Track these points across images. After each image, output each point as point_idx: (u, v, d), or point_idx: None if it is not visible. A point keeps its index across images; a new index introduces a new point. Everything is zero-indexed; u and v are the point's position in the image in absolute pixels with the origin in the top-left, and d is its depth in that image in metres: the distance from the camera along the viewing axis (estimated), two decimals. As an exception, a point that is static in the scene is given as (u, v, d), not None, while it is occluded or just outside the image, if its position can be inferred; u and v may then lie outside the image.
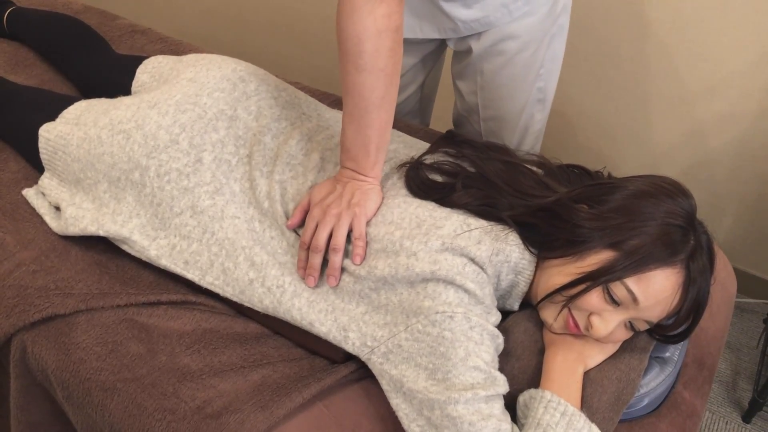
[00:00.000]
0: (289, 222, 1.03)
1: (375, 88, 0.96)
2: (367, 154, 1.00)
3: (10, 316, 1.03)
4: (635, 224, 0.90)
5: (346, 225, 0.97)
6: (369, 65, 0.94)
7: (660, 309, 0.91)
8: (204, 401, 0.95)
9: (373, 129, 0.99)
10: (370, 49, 0.93)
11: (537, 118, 1.42)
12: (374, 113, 0.97)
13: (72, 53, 1.47)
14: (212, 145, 1.09)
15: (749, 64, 1.68)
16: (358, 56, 0.93)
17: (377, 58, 0.94)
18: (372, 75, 0.95)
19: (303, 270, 1.00)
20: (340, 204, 0.98)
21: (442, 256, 0.90)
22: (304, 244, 0.99)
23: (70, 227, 1.11)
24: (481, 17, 1.23)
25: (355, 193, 0.99)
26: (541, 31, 1.28)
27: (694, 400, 1.05)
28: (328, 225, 0.97)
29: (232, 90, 1.15)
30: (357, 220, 0.97)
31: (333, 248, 0.96)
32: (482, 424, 0.84)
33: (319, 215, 0.99)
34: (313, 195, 1.03)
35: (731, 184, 1.89)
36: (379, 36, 0.92)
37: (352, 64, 0.94)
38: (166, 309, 1.07)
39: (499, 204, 0.97)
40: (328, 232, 0.97)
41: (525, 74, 1.33)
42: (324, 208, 0.99)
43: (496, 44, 1.28)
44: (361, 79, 0.95)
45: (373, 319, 0.94)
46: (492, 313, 0.93)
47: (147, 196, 1.08)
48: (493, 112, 1.39)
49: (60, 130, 1.17)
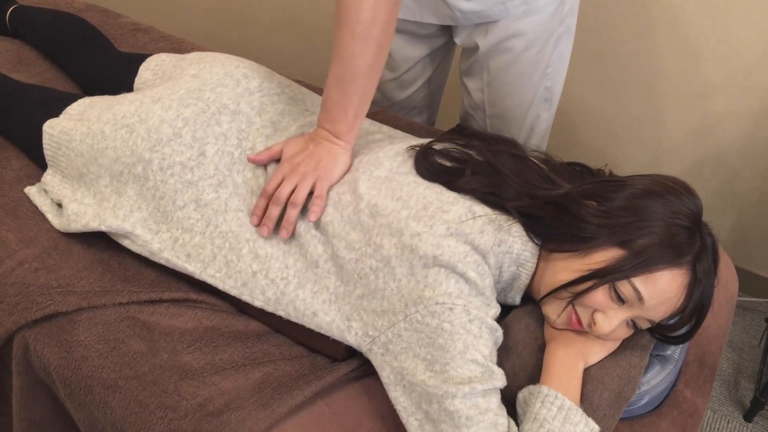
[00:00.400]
0: (253, 156, 1.08)
1: (366, 56, 0.99)
2: (345, 119, 1.03)
3: (12, 313, 1.03)
4: (643, 224, 0.90)
5: (310, 184, 1.01)
6: (364, 33, 0.97)
7: (664, 309, 0.91)
8: (205, 399, 0.95)
9: (357, 95, 1.02)
10: (367, 17, 0.95)
11: (543, 117, 1.42)
12: (361, 80, 1.01)
13: (74, 51, 1.47)
14: (215, 137, 1.09)
15: (752, 62, 1.67)
16: (355, 23, 0.96)
17: (373, 27, 0.96)
18: (366, 43, 0.97)
19: (258, 217, 1.04)
20: (308, 164, 1.03)
21: (445, 242, 0.91)
22: (266, 192, 1.03)
23: (73, 224, 1.11)
24: (479, 10, 1.25)
25: (324, 156, 1.03)
26: (547, 31, 1.29)
27: (696, 398, 1.05)
28: (293, 181, 1.02)
29: (235, 86, 1.15)
30: (320, 181, 1.01)
31: (292, 202, 1.01)
32: (479, 418, 0.85)
33: (286, 170, 1.03)
34: (285, 149, 1.07)
35: (734, 183, 1.89)
36: (377, 6, 0.95)
37: (348, 30, 0.97)
38: (167, 307, 1.07)
39: (505, 193, 0.98)
40: (292, 188, 1.02)
41: (531, 72, 1.34)
42: (293, 165, 1.03)
43: (502, 41, 1.29)
44: (355, 47, 0.98)
45: (370, 305, 0.94)
46: (491, 306, 0.93)
47: (149, 189, 1.08)
48: (499, 110, 1.40)
49: (64, 125, 1.17)
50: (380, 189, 0.98)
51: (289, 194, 1.01)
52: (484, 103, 1.41)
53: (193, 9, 2.58)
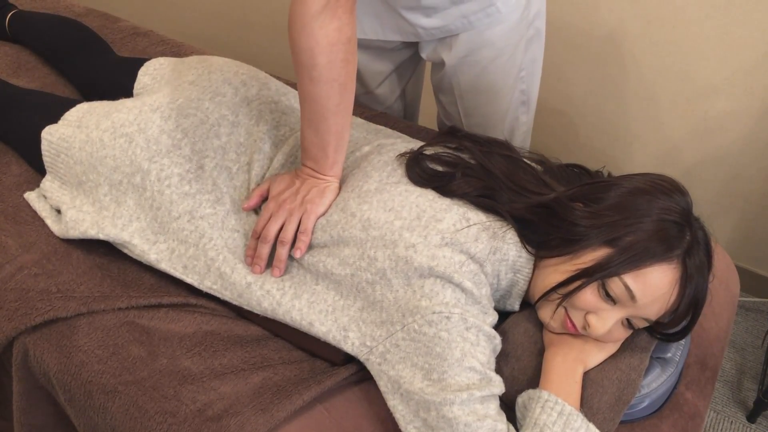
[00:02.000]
0: (245, 204, 1.07)
1: (330, 96, 0.98)
2: (326, 156, 1.03)
3: (12, 319, 1.03)
4: (630, 221, 0.90)
5: (297, 221, 1.01)
6: (324, 76, 0.96)
7: (658, 306, 0.91)
8: (205, 404, 0.95)
9: (331, 133, 1.01)
10: (323, 61, 0.94)
11: (522, 120, 1.42)
12: (331, 119, 1.00)
13: (74, 56, 1.47)
14: (214, 151, 1.10)
15: (753, 62, 1.67)
16: (311, 68, 0.95)
17: (331, 69, 0.95)
18: (327, 85, 0.97)
19: (251, 258, 1.04)
20: (294, 200, 1.03)
21: (440, 252, 0.90)
22: (255, 233, 1.04)
23: (71, 230, 1.11)
24: (441, 25, 1.24)
25: (311, 191, 1.03)
26: (515, 37, 1.28)
27: (697, 401, 1.04)
28: (280, 219, 1.02)
29: (233, 95, 1.15)
30: (306, 216, 1.01)
31: (281, 241, 1.01)
32: (478, 424, 0.84)
33: (273, 208, 1.03)
34: (272, 187, 1.07)
35: (735, 183, 1.88)
36: (331, 49, 0.94)
37: (307, 76, 0.96)
38: (166, 312, 1.07)
39: (498, 197, 0.98)
40: (279, 226, 1.02)
41: (503, 80, 1.32)
42: (279, 203, 1.03)
43: (469, 54, 1.28)
44: (316, 89, 0.97)
45: (370, 316, 0.94)
46: (489, 314, 0.93)
47: (147, 199, 1.08)
48: (476, 120, 1.39)
49: (62, 132, 1.17)
50: (371, 203, 0.98)
51: (276, 232, 1.01)
52: (460, 115, 1.40)
53: (192, 12, 2.58)
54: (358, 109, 1.47)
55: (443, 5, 1.20)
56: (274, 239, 1.01)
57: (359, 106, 1.49)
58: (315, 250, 1.00)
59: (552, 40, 1.87)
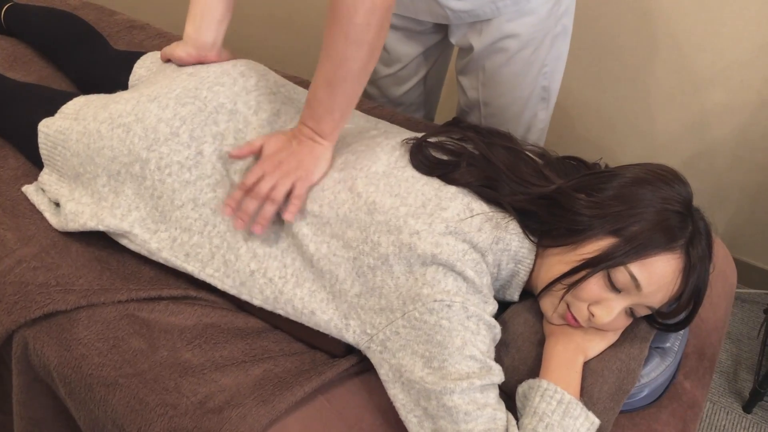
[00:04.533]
0: (235, 151, 1.05)
1: (358, 59, 0.97)
2: (331, 119, 1.02)
3: (11, 312, 1.03)
4: (634, 211, 0.91)
5: (290, 183, 1.00)
6: (358, 37, 0.95)
7: (662, 294, 0.91)
8: (205, 396, 0.95)
9: (345, 97, 1.01)
10: (362, 21, 0.94)
11: (540, 116, 1.43)
12: (350, 82, 0.99)
13: (70, 49, 1.47)
14: (213, 137, 1.09)
15: (749, 55, 1.67)
16: (349, 26, 0.94)
17: (367, 31, 0.95)
18: (358, 47, 0.96)
19: (231, 209, 1.02)
20: (290, 163, 1.01)
21: (444, 240, 0.91)
22: (244, 185, 1.01)
23: (70, 223, 1.11)
24: (470, 9, 1.25)
25: (306, 156, 1.02)
26: (542, 31, 1.29)
27: (695, 390, 1.05)
28: (274, 178, 1.00)
29: (232, 84, 1.15)
30: (300, 182, 1.00)
31: (271, 198, 1.00)
32: (478, 413, 0.85)
33: (268, 167, 1.01)
34: (266, 146, 1.05)
35: (732, 175, 1.89)
36: (372, 11, 0.93)
37: (342, 33, 0.95)
38: (167, 304, 1.07)
39: (500, 187, 0.98)
40: (272, 185, 1.00)
41: (526, 72, 1.34)
42: (274, 163, 1.02)
43: (496, 42, 1.29)
44: (347, 50, 0.96)
45: (368, 303, 0.94)
46: (489, 303, 0.93)
47: (147, 189, 1.08)
48: (495, 109, 1.40)
49: (59, 125, 1.16)
50: (378, 185, 0.98)
51: (268, 191, 1.00)
52: (480, 102, 1.41)
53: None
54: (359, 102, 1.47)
55: None
56: (264, 197, 1.00)
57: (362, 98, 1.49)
58: (319, 228, 0.99)
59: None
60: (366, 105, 1.47)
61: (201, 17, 1.20)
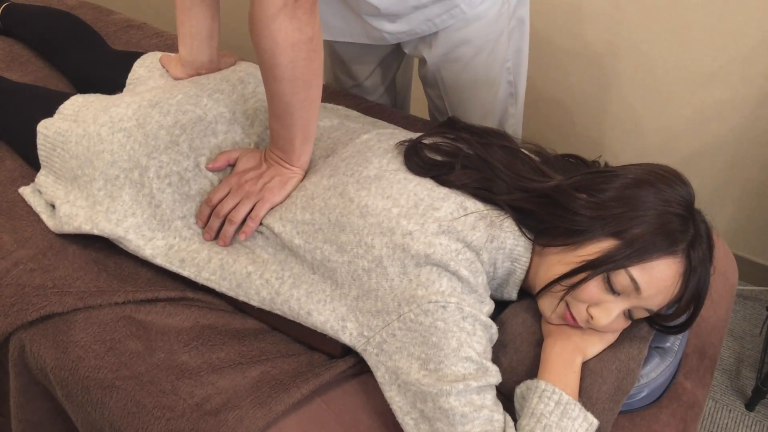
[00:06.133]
0: (211, 165, 1.09)
1: (294, 93, 0.98)
2: (292, 148, 1.05)
3: (8, 315, 1.03)
4: (635, 213, 0.90)
5: (250, 205, 1.03)
6: (286, 75, 0.96)
7: (661, 297, 0.91)
8: (202, 398, 0.95)
9: (297, 127, 1.02)
10: (285, 61, 0.94)
11: (510, 112, 1.41)
12: (296, 113, 1.01)
13: (67, 49, 1.46)
14: (210, 150, 1.10)
15: (750, 50, 1.66)
16: (274, 68, 0.95)
17: (294, 68, 0.95)
18: (290, 83, 0.97)
19: (202, 222, 1.08)
20: (255, 184, 1.05)
21: (437, 240, 0.90)
22: (209, 201, 1.06)
23: (65, 225, 1.11)
24: (407, 30, 1.24)
25: (273, 179, 1.05)
26: (495, 32, 1.27)
27: (696, 390, 1.04)
28: (235, 198, 1.04)
29: (231, 92, 1.16)
30: (260, 204, 1.03)
31: (229, 219, 1.04)
32: (474, 415, 0.84)
33: (233, 185, 1.06)
34: (239, 161, 1.09)
35: (733, 172, 1.88)
36: (292, 48, 0.93)
37: (270, 74, 0.97)
38: (163, 306, 1.07)
39: (496, 188, 0.97)
40: (233, 205, 1.04)
41: (487, 74, 1.32)
42: (240, 182, 1.06)
43: (449, 52, 1.27)
44: (280, 87, 0.97)
45: (365, 305, 0.93)
46: (485, 303, 0.93)
47: (145, 196, 1.07)
48: (463, 114, 1.39)
49: (58, 126, 1.16)
50: (370, 189, 0.98)
51: (228, 211, 1.04)
52: (446, 108, 1.40)
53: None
54: (354, 101, 1.46)
55: (405, 11, 1.20)
56: (224, 217, 1.05)
57: (354, 98, 1.49)
58: (311, 236, 0.98)
59: (547, 30, 1.87)
60: (364, 104, 1.47)
61: (191, 39, 1.21)
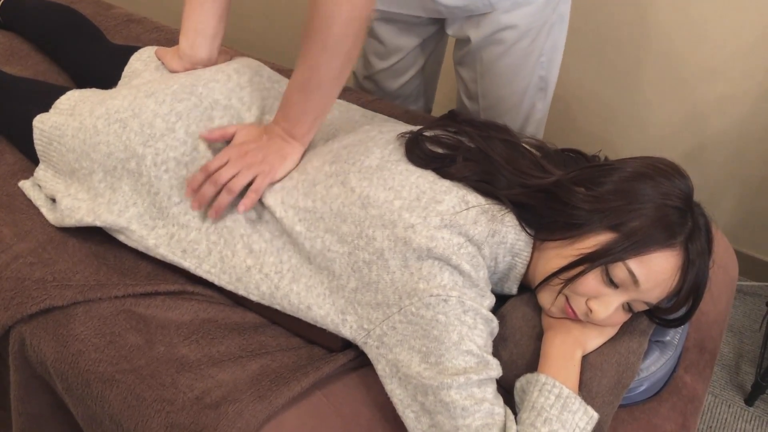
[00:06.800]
0: (205, 134, 1.07)
1: (333, 68, 0.99)
2: (304, 122, 1.03)
3: (8, 308, 1.03)
4: (633, 206, 0.90)
5: (251, 176, 1.01)
6: (335, 47, 0.96)
7: (660, 290, 0.91)
8: (202, 391, 0.95)
9: (319, 102, 1.02)
10: (338, 32, 0.95)
11: (538, 107, 1.42)
12: (324, 89, 1.01)
13: (67, 44, 1.46)
14: None
15: (750, 45, 1.66)
16: (326, 37, 0.95)
17: (343, 42, 0.96)
18: (334, 56, 0.97)
19: (192, 190, 1.04)
20: (256, 156, 1.02)
21: (439, 233, 0.90)
22: (206, 169, 1.03)
23: (66, 219, 1.10)
24: (463, 5, 1.24)
25: (274, 152, 1.03)
26: (539, 20, 1.28)
27: (696, 384, 1.04)
28: (236, 167, 1.01)
29: (226, 81, 1.15)
30: (262, 176, 1.01)
31: (228, 188, 1.01)
32: (475, 408, 0.84)
33: (233, 155, 1.03)
34: (238, 134, 1.07)
35: (733, 167, 1.88)
36: (350, 21, 0.95)
37: (319, 42, 0.96)
38: (163, 299, 1.07)
39: (497, 181, 0.97)
40: (233, 173, 1.01)
41: (524, 63, 1.33)
42: (241, 153, 1.03)
43: (494, 33, 1.28)
44: (323, 58, 0.97)
45: (365, 298, 0.93)
46: (486, 296, 0.93)
47: (144, 185, 1.07)
48: (493, 101, 1.39)
49: (54, 120, 1.16)
50: (371, 179, 0.97)
51: (228, 179, 1.01)
52: (478, 94, 1.40)
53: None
54: (355, 95, 1.46)
55: None
56: (223, 185, 1.01)
57: (354, 93, 1.48)
58: (313, 224, 0.98)
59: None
60: (364, 98, 1.46)
61: (195, 33, 1.20)
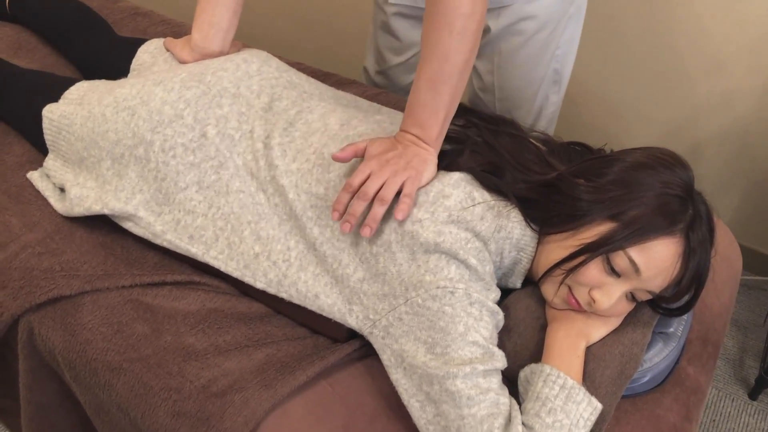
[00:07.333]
0: (338, 154, 0.97)
1: (463, 52, 0.94)
2: (436, 122, 0.97)
3: (16, 297, 1.04)
4: (633, 195, 0.90)
5: (400, 182, 0.94)
6: (463, 28, 0.93)
7: (662, 279, 0.91)
8: (209, 380, 0.95)
9: (450, 95, 0.96)
10: (467, 11, 0.92)
11: (552, 100, 1.42)
12: (455, 78, 0.96)
13: (74, 36, 1.47)
14: (216, 119, 1.09)
15: (756, 40, 1.66)
16: (454, 18, 0.92)
17: (472, 20, 0.93)
18: (463, 39, 0.93)
19: (339, 213, 0.94)
20: (399, 162, 0.95)
21: (447, 228, 0.90)
22: (350, 187, 0.94)
23: (75, 207, 1.11)
24: None
25: (414, 158, 0.96)
26: (558, 12, 1.29)
27: (699, 376, 1.05)
28: (383, 177, 0.94)
29: (235, 70, 1.15)
30: (411, 181, 0.94)
31: (380, 198, 0.92)
32: (480, 398, 0.85)
33: (374, 167, 0.95)
34: (370, 147, 0.98)
35: (739, 162, 1.88)
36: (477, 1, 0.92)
37: (447, 26, 0.93)
38: (170, 289, 1.07)
39: (502, 175, 0.98)
40: (381, 184, 0.93)
41: (541, 55, 1.33)
42: (382, 162, 0.95)
43: (514, 24, 1.29)
44: (452, 43, 0.93)
45: (371, 288, 0.94)
46: (491, 290, 0.93)
47: (151, 171, 1.08)
48: (509, 93, 1.40)
49: (63, 110, 1.17)
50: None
51: (377, 190, 0.93)
52: (494, 86, 1.40)
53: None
54: (360, 89, 1.46)
55: None
56: (372, 197, 0.93)
57: (360, 86, 1.49)
58: (324, 212, 0.98)
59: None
60: (370, 92, 1.47)
61: (209, 26, 1.20)
